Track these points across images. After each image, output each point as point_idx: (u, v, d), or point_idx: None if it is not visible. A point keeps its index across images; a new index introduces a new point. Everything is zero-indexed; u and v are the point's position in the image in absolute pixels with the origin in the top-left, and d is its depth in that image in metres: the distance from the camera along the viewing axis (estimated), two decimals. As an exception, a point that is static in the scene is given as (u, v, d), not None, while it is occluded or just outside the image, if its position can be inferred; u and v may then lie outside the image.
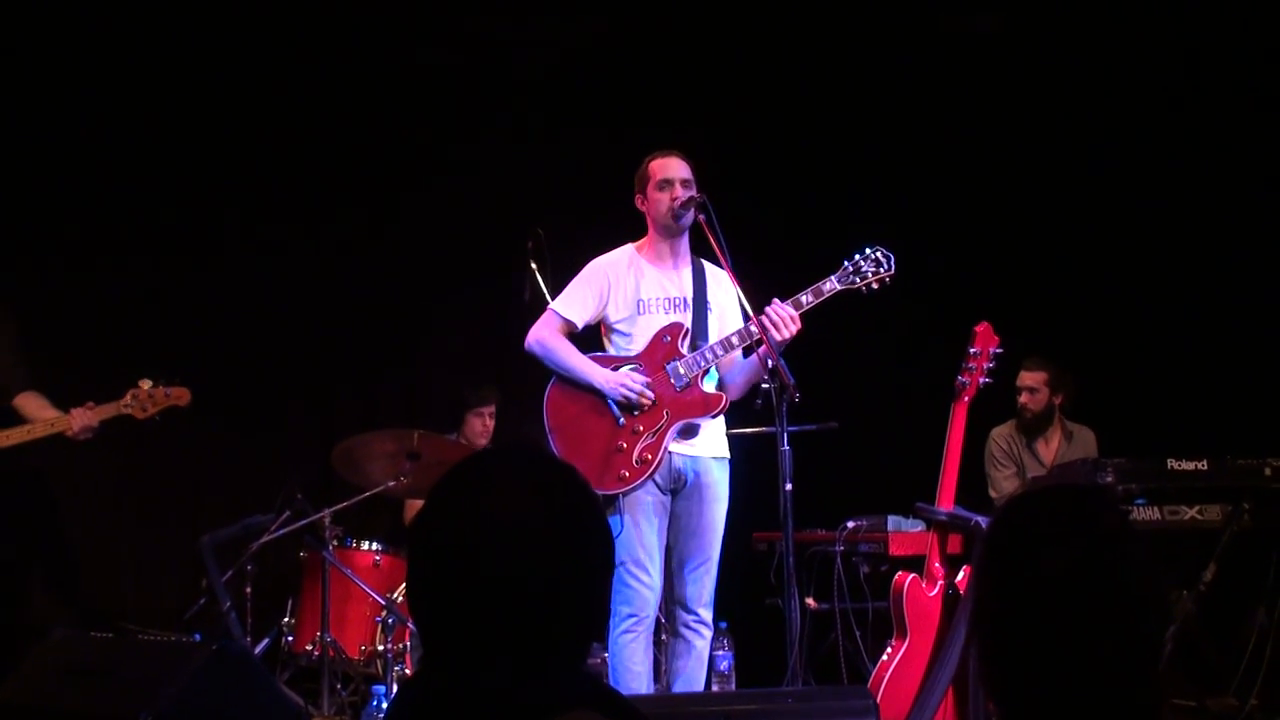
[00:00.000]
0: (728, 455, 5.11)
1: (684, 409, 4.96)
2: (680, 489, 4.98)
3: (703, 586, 4.97)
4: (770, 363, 4.67)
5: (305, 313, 7.49)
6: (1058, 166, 7.54)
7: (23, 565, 6.05)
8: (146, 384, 5.43)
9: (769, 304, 4.84)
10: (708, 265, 5.16)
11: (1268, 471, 5.66)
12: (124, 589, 6.98)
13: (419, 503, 6.71)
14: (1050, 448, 6.88)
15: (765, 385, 4.70)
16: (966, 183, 7.70)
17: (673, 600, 5.00)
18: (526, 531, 1.80)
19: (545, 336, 5.08)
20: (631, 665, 4.82)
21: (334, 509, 6.04)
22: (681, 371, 4.96)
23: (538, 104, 7.80)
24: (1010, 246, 7.57)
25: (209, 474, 7.23)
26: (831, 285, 4.99)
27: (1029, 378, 6.86)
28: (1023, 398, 6.86)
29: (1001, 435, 6.92)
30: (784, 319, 4.79)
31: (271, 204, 7.42)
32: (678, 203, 5.01)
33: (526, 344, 5.10)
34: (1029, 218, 7.58)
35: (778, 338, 4.74)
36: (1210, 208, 7.00)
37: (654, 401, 4.93)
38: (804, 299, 4.94)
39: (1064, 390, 6.89)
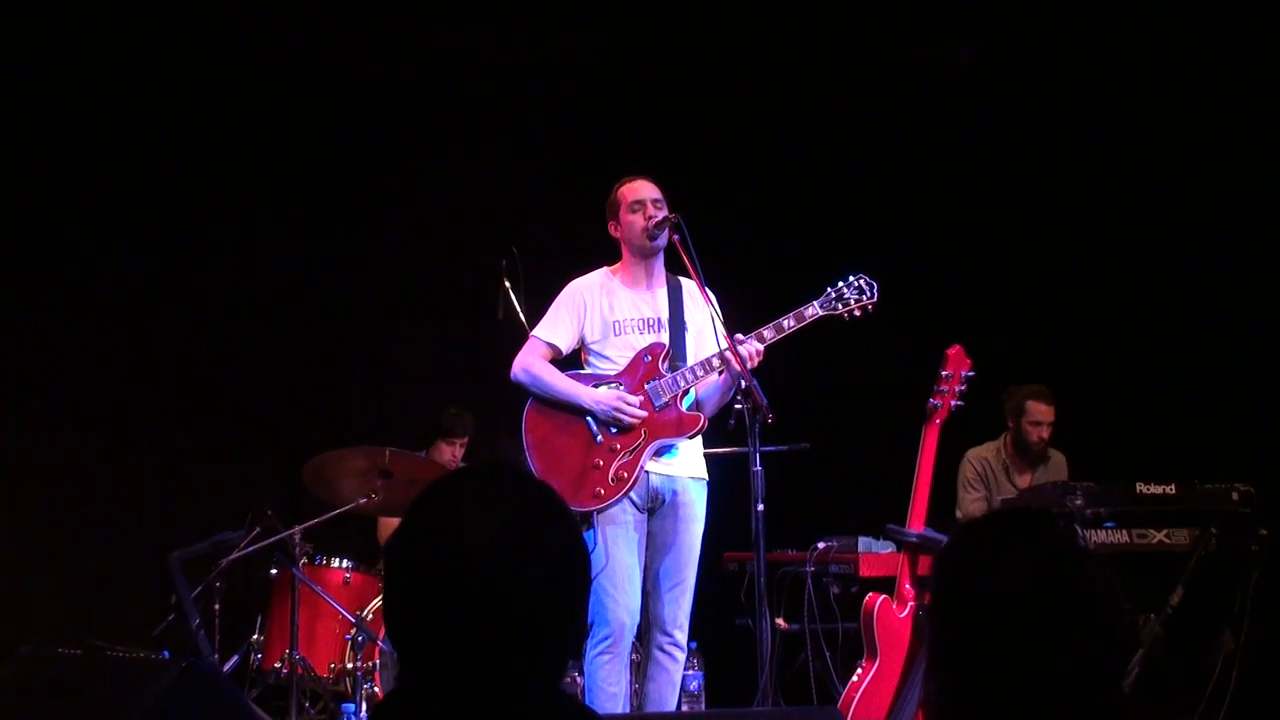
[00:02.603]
0: (705, 476, 5.12)
1: (662, 429, 4.97)
2: (657, 509, 4.98)
3: (678, 607, 4.97)
4: (744, 383, 4.69)
5: (277, 329, 7.47)
6: (1031, 193, 7.60)
7: None
8: None
9: (734, 337, 4.86)
10: (684, 283, 5.18)
11: (1235, 496, 5.70)
12: (91, 605, 6.92)
13: (391, 520, 6.77)
14: (1030, 475, 6.86)
15: (739, 406, 4.72)
16: (940, 207, 7.75)
17: (648, 620, 5.00)
18: (505, 549, 1.81)
19: (530, 364, 5.08)
20: (606, 686, 4.82)
21: (304, 526, 6.00)
22: (661, 392, 4.97)
23: (513, 125, 7.81)
24: (983, 270, 7.62)
25: (178, 489, 7.19)
26: (814, 311, 5.03)
27: (1048, 412, 6.77)
28: (1043, 431, 6.76)
29: (977, 458, 6.90)
30: (749, 354, 4.83)
31: (245, 221, 7.40)
32: (652, 222, 5.03)
33: (512, 374, 5.09)
34: (1002, 242, 7.63)
35: (737, 368, 4.76)
36: (1181, 235, 7.05)
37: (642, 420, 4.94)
38: (785, 324, 4.98)
39: None
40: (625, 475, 4.89)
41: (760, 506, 4.66)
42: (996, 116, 7.65)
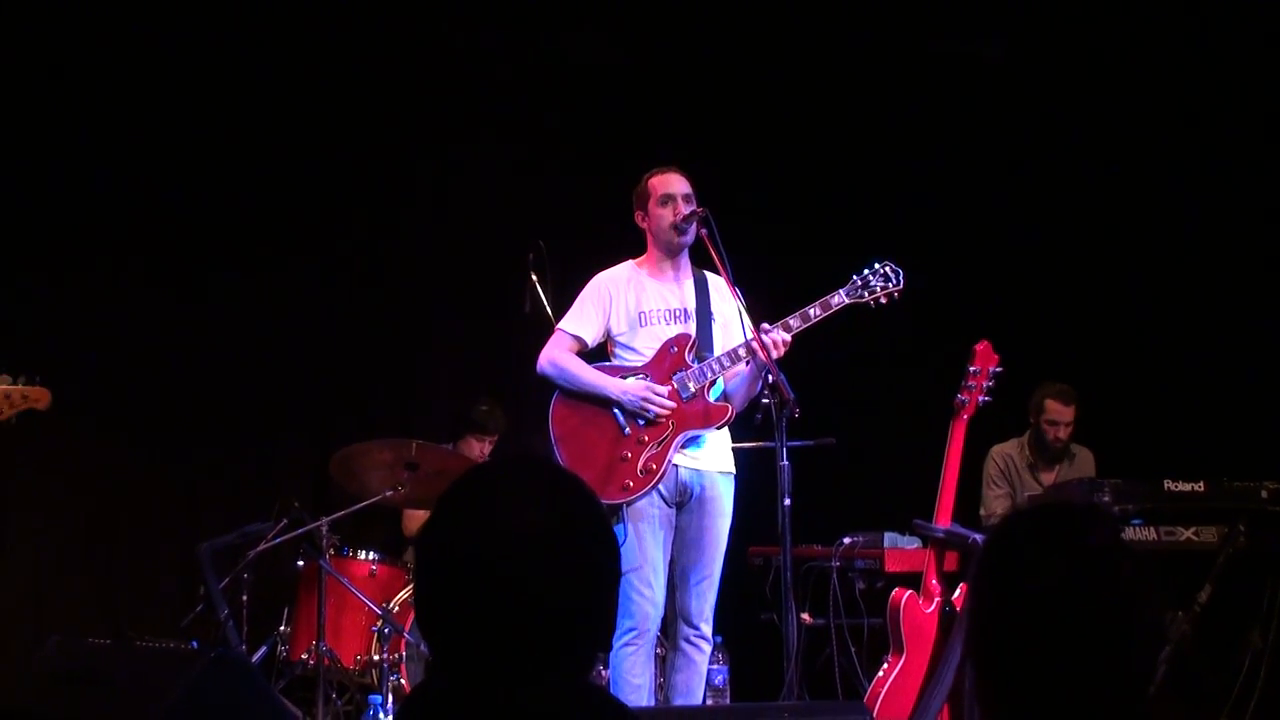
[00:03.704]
0: (733, 470, 5.12)
1: (690, 420, 4.97)
2: (685, 502, 4.98)
3: (705, 601, 4.98)
4: (770, 378, 4.68)
5: (304, 322, 7.48)
6: (1058, 187, 7.57)
7: None
8: (3, 382, 4.92)
9: (761, 327, 4.86)
10: (710, 276, 5.18)
11: (1264, 494, 5.68)
12: (120, 596, 6.96)
13: (417, 512, 6.79)
14: (1053, 472, 6.84)
15: (765, 400, 4.71)
16: (969, 202, 7.73)
17: (674, 614, 5.00)
18: (537, 541, 1.81)
19: (556, 356, 5.08)
20: (631, 679, 4.82)
21: (331, 518, 6.03)
22: (689, 383, 4.97)
23: (540, 117, 7.81)
24: (1011, 265, 7.59)
25: (207, 481, 7.21)
26: (840, 299, 5.04)
27: (1065, 412, 6.74)
28: (1059, 431, 6.74)
29: (1000, 454, 6.87)
30: (775, 342, 4.82)
31: (270, 213, 7.40)
32: (680, 217, 5.03)
33: (539, 367, 5.10)
34: (1030, 237, 7.60)
35: (763, 358, 4.75)
36: (1209, 231, 7.03)
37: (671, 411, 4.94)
38: (812, 312, 4.99)
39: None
40: (654, 467, 4.89)
41: (787, 501, 4.66)
42: (1026, 111, 7.61)
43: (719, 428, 5.04)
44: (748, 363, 4.94)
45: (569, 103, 7.82)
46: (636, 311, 5.10)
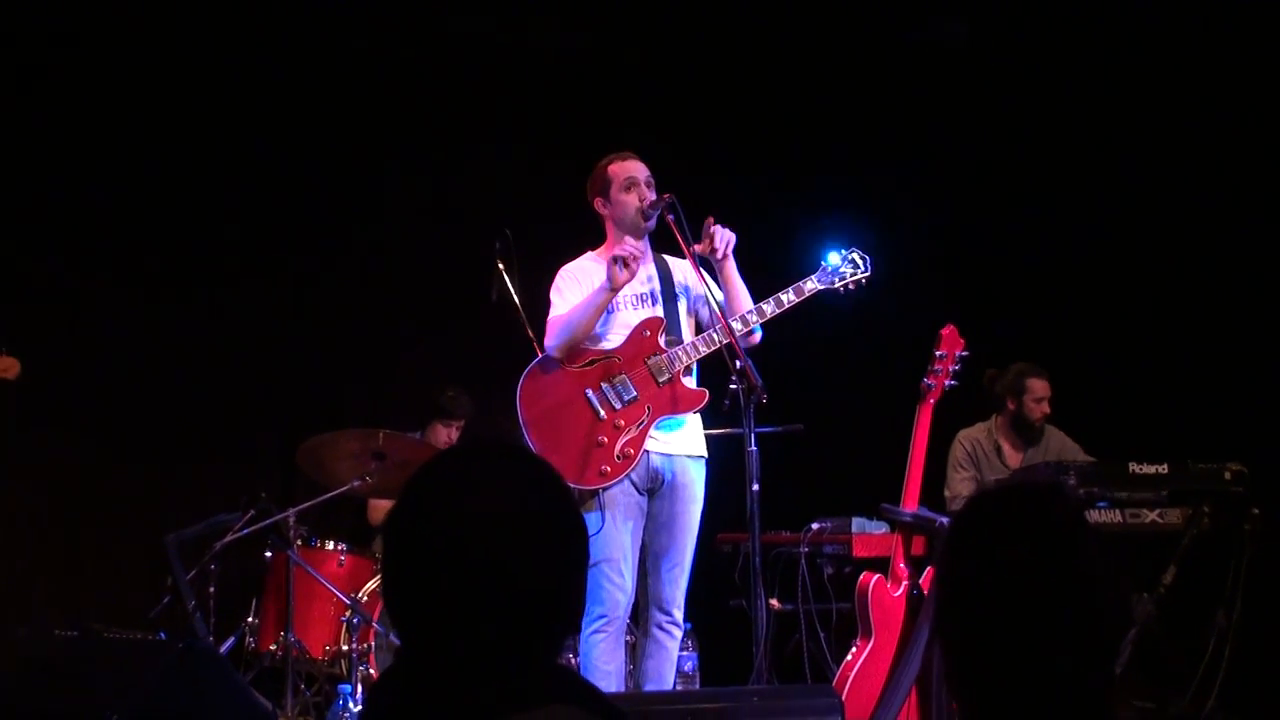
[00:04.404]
0: (705, 454, 5.12)
1: (666, 405, 4.97)
2: (657, 489, 4.98)
3: (677, 587, 4.99)
4: (738, 364, 4.69)
5: (270, 312, 7.46)
6: (1022, 172, 7.60)
7: None
8: None
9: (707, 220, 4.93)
10: (670, 260, 5.19)
11: (1227, 475, 5.72)
12: (87, 587, 6.93)
13: (383, 502, 6.78)
14: (1022, 454, 6.86)
15: (734, 386, 4.71)
16: (934, 186, 7.75)
17: (647, 600, 5.00)
18: (505, 525, 1.81)
19: (554, 326, 5.02)
20: (601, 665, 4.83)
21: (299, 508, 6.02)
22: (663, 368, 4.97)
23: (505, 106, 7.79)
24: (977, 250, 7.62)
25: (174, 472, 7.18)
26: (812, 285, 5.09)
27: (1046, 387, 6.76)
28: (1044, 407, 6.75)
29: (968, 439, 6.89)
30: (727, 240, 4.94)
31: (235, 206, 7.38)
32: (646, 203, 5.03)
33: (549, 348, 5.01)
34: (996, 221, 7.63)
35: (728, 342, 4.76)
36: (1175, 213, 7.06)
37: (641, 254, 4.97)
38: (785, 298, 5.02)
39: None
40: (631, 452, 4.89)
41: (755, 487, 4.67)
42: (990, 95, 7.64)
43: (695, 412, 5.04)
44: (723, 346, 4.92)
45: (534, 91, 7.81)
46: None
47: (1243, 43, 6.82)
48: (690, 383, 5.06)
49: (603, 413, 4.93)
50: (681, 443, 5.03)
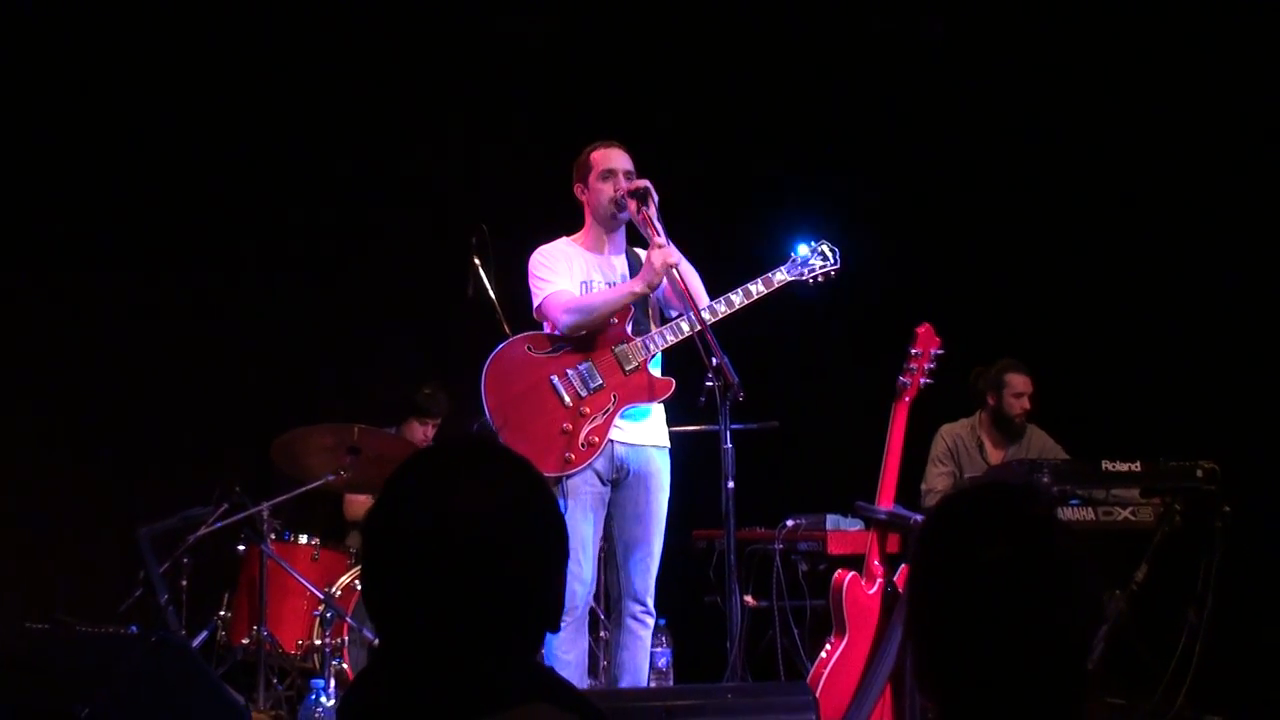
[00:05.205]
0: (669, 444, 5.11)
1: (634, 394, 4.96)
2: (621, 479, 4.97)
3: (649, 576, 4.98)
4: (714, 361, 4.69)
5: (245, 306, 7.44)
6: (998, 169, 7.61)
7: None
8: None
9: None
10: (640, 251, 5.18)
11: (1199, 473, 5.73)
12: (58, 580, 6.89)
13: (358, 497, 6.77)
14: (1003, 452, 6.88)
15: (709, 383, 4.71)
16: (910, 183, 7.76)
17: (619, 592, 4.99)
18: (485, 521, 1.81)
19: (569, 303, 4.96)
20: (561, 654, 4.79)
21: (272, 502, 6.01)
22: (630, 356, 4.96)
23: (481, 98, 7.78)
24: (953, 247, 7.64)
25: (147, 464, 7.15)
26: (781, 276, 5.10)
27: (1027, 383, 6.78)
28: (1025, 403, 6.76)
29: (950, 434, 6.89)
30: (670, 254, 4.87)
31: (210, 199, 7.35)
32: (620, 193, 5.02)
33: (560, 326, 4.95)
34: (972, 219, 7.65)
35: (709, 338, 4.74)
36: (1148, 212, 7.09)
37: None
38: (754, 289, 5.03)
39: None
40: (596, 440, 4.87)
41: (730, 484, 4.67)
42: (965, 92, 7.65)
43: (661, 401, 5.04)
44: (696, 339, 4.89)
45: (510, 87, 7.80)
46: (578, 283, 5.09)
47: (1216, 40, 6.84)
48: (656, 372, 5.05)
49: (568, 399, 4.90)
50: (646, 433, 5.02)
